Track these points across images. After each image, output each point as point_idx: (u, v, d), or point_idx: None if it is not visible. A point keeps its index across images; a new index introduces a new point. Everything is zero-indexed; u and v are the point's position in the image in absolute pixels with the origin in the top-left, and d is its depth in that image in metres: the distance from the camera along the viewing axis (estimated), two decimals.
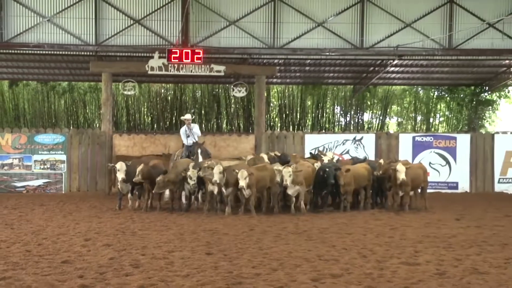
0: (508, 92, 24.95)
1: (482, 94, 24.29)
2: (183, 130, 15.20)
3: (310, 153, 16.89)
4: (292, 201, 12.60)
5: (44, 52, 18.10)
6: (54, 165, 17.42)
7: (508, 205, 14.87)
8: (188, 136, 14.96)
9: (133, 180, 12.86)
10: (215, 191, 12.40)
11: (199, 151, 14.40)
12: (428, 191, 14.36)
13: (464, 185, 18.49)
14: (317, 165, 13.55)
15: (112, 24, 17.35)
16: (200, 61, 16.93)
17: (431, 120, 25.36)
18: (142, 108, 24.27)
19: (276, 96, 24.85)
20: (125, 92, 18.68)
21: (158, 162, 13.91)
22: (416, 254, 8.04)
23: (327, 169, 12.74)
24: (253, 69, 18.92)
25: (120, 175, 13.00)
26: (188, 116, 15.34)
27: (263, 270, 6.93)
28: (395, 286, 6.31)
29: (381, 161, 14.14)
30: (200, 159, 14.03)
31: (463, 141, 18.56)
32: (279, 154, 15.23)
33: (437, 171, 18.38)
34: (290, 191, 12.49)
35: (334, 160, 14.92)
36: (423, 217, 12.07)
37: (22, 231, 9.89)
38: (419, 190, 13.74)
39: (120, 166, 13.09)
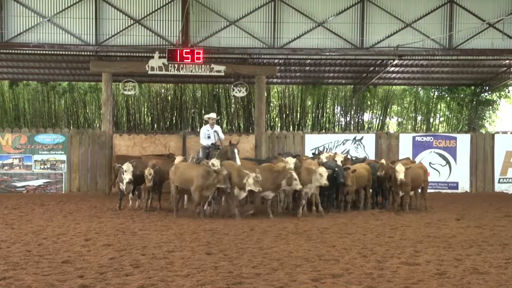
0: (508, 92, 24.94)
1: (482, 94, 24.30)
2: (204, 130, 13.83)
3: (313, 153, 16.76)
4: (302, 203, 12.18)
5: (44, 52, 18.11)
6: (54, 165, 17.43)
7: (508, 205, 14.87)
8: (208, 137, 13.62)
9: (147, 186, 12.85)
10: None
11: (235, 150, 12.85)
12: (428, 191, 14.36)
13: (464, 185, 18.51)
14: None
15: (112, 24, 17.38)
16: (200, 61, 16.94)
17: (431, 120, 25.35)
18: (142, 108, 24.26)
19: (276, 96, 24.84)
20: (125, 92, 18.67)
21: (156, 162, 13.89)
22: (416, 254, 8.04)
23: (336, 169, 12.49)
24: (253, 69, 18.91)
25: (128, 176, 12.77)
26: (213, 115, 13.95)
27: (263, 270, 6.93)
28: (395, 286, 6.31)
29: (383, 161, 14.08)
30: (238, 161, 12.64)
31: (463, 141, 18.58)
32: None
33: (437, 171, 18.39)
34: (304, 190, 11.97)
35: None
36: (423, 217, 12.08)
37: (22, 231, 9.89)
38: (420, 190, 13.74)
39: (127, 167, 12.84)
